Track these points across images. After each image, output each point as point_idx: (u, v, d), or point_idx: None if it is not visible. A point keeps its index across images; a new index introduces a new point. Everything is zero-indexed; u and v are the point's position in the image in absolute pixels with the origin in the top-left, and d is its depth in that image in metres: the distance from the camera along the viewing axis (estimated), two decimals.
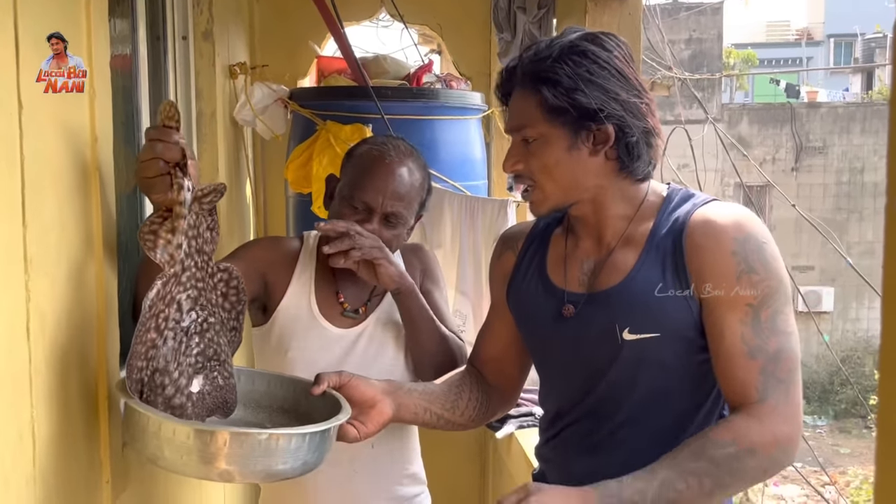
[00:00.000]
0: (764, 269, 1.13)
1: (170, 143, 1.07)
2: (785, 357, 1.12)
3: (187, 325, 1.11)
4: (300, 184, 2.55)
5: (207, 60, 2.36)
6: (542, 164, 1.19)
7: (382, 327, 1.55)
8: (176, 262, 1.09)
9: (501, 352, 1.41)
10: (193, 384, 1.12)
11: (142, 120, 1.98)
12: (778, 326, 1.13)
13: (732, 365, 1.13)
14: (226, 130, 2.54)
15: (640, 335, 1.17)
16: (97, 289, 1.18)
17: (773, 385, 1.11)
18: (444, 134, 2.60)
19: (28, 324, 0.97)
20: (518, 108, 1.21)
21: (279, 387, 1.34)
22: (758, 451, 1.09)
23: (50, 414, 1.03)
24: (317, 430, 1.10)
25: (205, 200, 1.13)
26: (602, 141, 1.18)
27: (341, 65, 2.82)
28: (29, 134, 0.96)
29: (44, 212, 1.02)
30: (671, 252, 1.17)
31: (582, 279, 1.25)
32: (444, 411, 1.35)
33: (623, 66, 1.18)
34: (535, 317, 1.30)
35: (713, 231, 1.15)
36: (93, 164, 1.16)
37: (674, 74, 4.46)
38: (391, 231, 1.49)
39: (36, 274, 0.99)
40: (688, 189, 1.26)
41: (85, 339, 1.14)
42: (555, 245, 1.32)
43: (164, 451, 1.04)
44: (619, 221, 1.23)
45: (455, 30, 3.14)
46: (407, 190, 1.49)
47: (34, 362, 0.99)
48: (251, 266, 1.49)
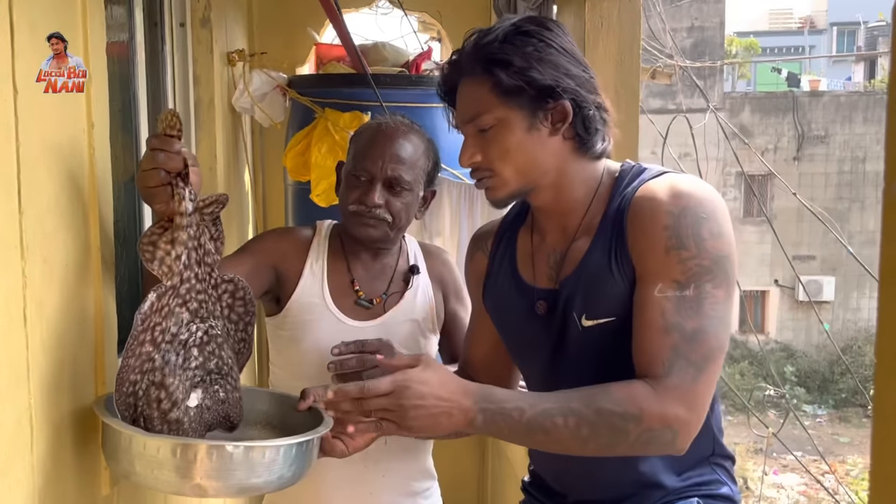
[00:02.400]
0: (696, 246, 1.07)
1: (171, 152, 1.06)
2: (702, 340, 1.06)
3: (186, 338, 1.10)
4: (299, 171, 2.55)
5: (205, 47, 2.35)
6: (502, 150, 1.14)
7: (399, 324, 1.53)
8: (174, 273, 1.07)
9: (488, 354, 1.39)
10: (191, 398, 1.10)
11: (139, 107, 1.98)
12: (703, 308, 1.06)
13: (645, 337, 1.08)
14: (224, 118, 2.53)
15: (597, 320, 1.15)
16: (95, 276, 1.17)
17: (681, 365, 1.06)
18: (443, 121, 2.54)
19: (25, 310, 0.97)
20: (469, 97, 1.16)
21: (266, 403, 1.30)
22: (643, 421, 1.05)
23: (48, 401, 1.03)
24: (291, 443, 1.06)
25: (206, 211, 1.12)
26: (560, 119, 1.14)
27: (340, 52, 2.80)
28: (24, 119, 0.96)
29: (40, 198, 1.01)
30: (616, 233, 1.14)
31: (550, 273, 1.23)
32: None
33: (567, 43, 1.16)
34: (510, 317, 1.28)
35: (649, 205, 1.10)
36: (89, 152, 1.16)
37: (675, 63, 4.44)
38: (398, 199, 1.47)
39: (33, 260, 0.98)
40: (641, 165, 1.21)
41: (83, 325, 1.14)
42: (522, 241, 1.29)
43: (136, 466, 1.02)
44: (580, 207, 1.19)
45: (455, 17, 3.13)
46: (408, 155, 1.48)
47: (31, 348, 0.99)
48: (261, 258, 1.48)
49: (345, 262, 1.54)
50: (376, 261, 1.56)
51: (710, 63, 8.86)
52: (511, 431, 1.07)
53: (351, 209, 1.48)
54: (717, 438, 1.25)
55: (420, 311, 1.57)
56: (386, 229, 1.49)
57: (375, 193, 1.46)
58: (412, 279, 1.57)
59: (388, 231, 1.49)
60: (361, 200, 1.47)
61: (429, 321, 1.58)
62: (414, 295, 1.57)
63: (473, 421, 1.07)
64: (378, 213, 1.46)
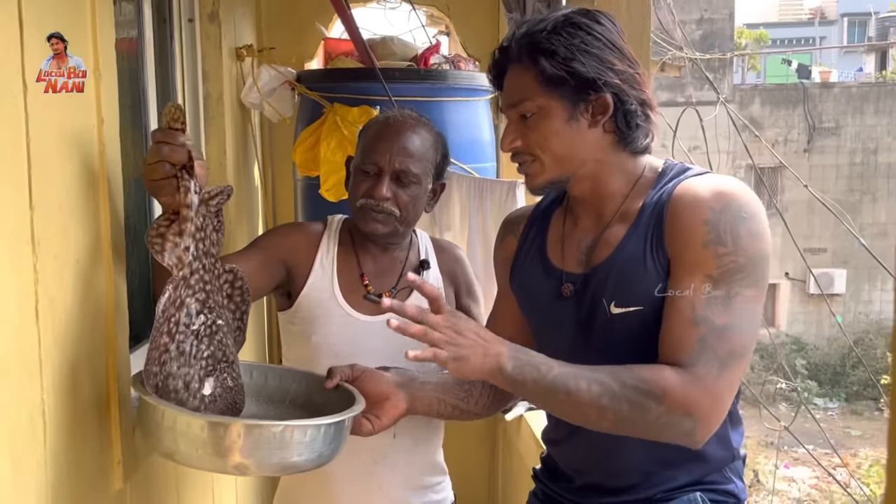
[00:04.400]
0: (733, 244, 1.09)
1: (175, 145, 1.08)
2: (730, 336, 1.07)
3: (197, 328, 1.12)
4: (308, 167, 2.55)
5: (214, 43, 2.35)
6: (542, 137, 1.17)
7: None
8: (184, 265, 1.09)
9: (511, 337, 1.37)
10: (205, 387, 1.12)
11: (149, 102, 1.98)
12: (733, 305, 1.08)
13: (673, 326, 1.10)
14: (233, 113, 2.53)
15: (626, 308, 1.16)
16: (106, 272, 1.18)
17: (707, 357, 1.07)
18: (452, 115, 2.59)
19: (37, 306, 0.98)
20: (515, 83, 1.19)
21: (292, 381, 1.34)
22: (665, 401, 1.06)
23: (60, 396, 1.03)
24: (332, 422, 1.10)
25: (212, 202, 1.13)
26: (601, 111, 1.16)
27: (348, 46, 2.80)
28: (34, 116, 0.96)
29: (51, 195, 1.02)
30: (655, 225, 1.15)
31: (580, 258, 1.24)
32: (458, 401, 1.34)
33: (616, 38, 1.18)
34: (536, 298, 1.30)
35: (691, 200, 1.12)
36: (99, 148, 1.16)
37: (685, 55, 4.41)
38: (405, 191, 1.48)
39: (44, 256, 0.99)
40: (684, 164, 1.23)
41: (95, 321, 1.14)
42: (555, 226, 1.31)
43: (180, 445, 1.04)
44: (618, 197, 1.21)
45: (463, 10, 3.12)
46: (416, 147, 1.48)
47: (44, 345, 0.99)
48: (271, 254, 1.49)
49: (355, 256, 1.54)
50: (386, 255, 1.56)
51: (719, 55, 8.80)
52: (535, 385, 1.10)
53: (359, 203, 1.48)
54: (736, 453, 1.25)
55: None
56: (395, 224, 1.49)
57: (384, 187, 1.46)
58: (422, 274, 1.57)
59: (397, 225, 1.49)
60: (369, 194, 1.47)
61: None
62: None
63: (504, 366, 1.10)
64: (386, 207, 1.47)
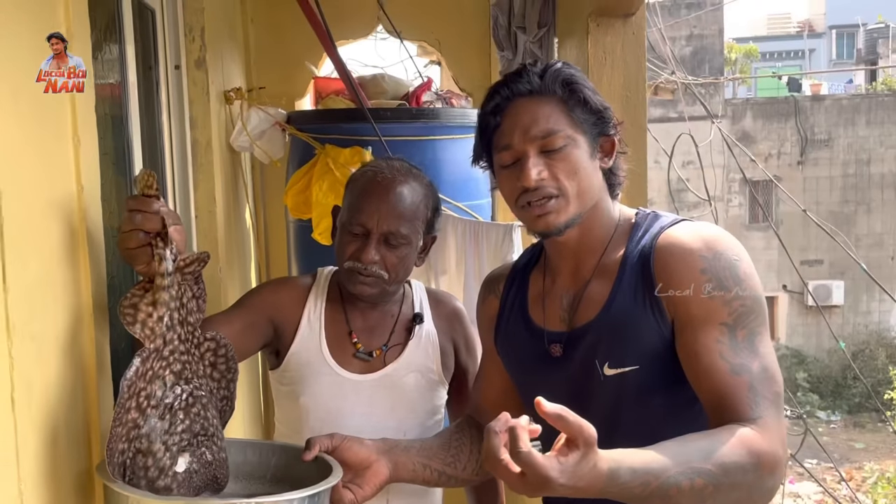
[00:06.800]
0: (737, 287, 1.08)
1: (149, 212, 1.05)
2: (769, 377, 1.06)
3: (171, 402, 1.08)
4: (300, 210, 2.51)
5: (201, 89, 2.32)
6: (571, 170, 1.15)
7: (402, 377, 1.47)
8: (157, 336, 1.06)
9: (498, 398, 1.35)
10: (179, 463, 1.08)
11: (133, 152, 1.94)
12: (757, 347, 1.07)
13: (715, 382, 1.05)
14: (222, 158, 2.49)
15: (621, 369, 1.13)
16: (87, 344, 1.13)
17: (764, 404, 1.03)
18: (445, 153, 2.55)
19: (13, 393, 0.93)
20: (540, 115, 1.16)
21: (272, 455, 1.28)
22: (760, 468, 0.99)
23: (40, 489, 0.98)
24: (303, 496, 1.05)
25: (187, 270, 1.10)
26: (608, 152, 1.19)
27: (339, 85, 2.78)
28: (6, 186, 0.91)
29: (26, 272, 0.97)
30: (641, 278, 1.13)
31: (562, 315, 1.22)
32: (444, 467, 1.31)
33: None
34: (521, 360, 1.27)
35: (681, 251, 1.12)
36: (79, 216, 1.12)
37: (676, 79, 4.41)
38: (394, 253, 1.41)
39: (20, 339, 0.94)
40: (655, 212, 1.23)
41: (76, 405, 1.09)
42: (534, 284, 1.29)
43: None
44: (598, 249, 1.20)
45: (454, 45, 3.11)
46: (405, 207, 1.41)
47: (21, 434, 0.94)
48: (257, 312, 1.44)
49: (343, 312, 1.48)
50: (376, 310, 1.50)
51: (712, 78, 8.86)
52: (630, 500, 0.96)
53: (346, 266, 1.42)
54: None
55: (424, 361, 1.50)
56: (383, 286, 1.43)
57: (371, 250, 1.39)
58: (415, 329, 1.51)
59: (385, 287, 1.44)
60: (356, 257, 1.40)
61: (435, 372, 1.51)
62: (416, 345, 1.50)
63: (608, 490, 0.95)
64: (373, 270, 1.40)
